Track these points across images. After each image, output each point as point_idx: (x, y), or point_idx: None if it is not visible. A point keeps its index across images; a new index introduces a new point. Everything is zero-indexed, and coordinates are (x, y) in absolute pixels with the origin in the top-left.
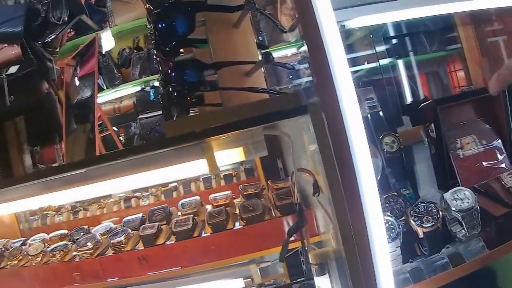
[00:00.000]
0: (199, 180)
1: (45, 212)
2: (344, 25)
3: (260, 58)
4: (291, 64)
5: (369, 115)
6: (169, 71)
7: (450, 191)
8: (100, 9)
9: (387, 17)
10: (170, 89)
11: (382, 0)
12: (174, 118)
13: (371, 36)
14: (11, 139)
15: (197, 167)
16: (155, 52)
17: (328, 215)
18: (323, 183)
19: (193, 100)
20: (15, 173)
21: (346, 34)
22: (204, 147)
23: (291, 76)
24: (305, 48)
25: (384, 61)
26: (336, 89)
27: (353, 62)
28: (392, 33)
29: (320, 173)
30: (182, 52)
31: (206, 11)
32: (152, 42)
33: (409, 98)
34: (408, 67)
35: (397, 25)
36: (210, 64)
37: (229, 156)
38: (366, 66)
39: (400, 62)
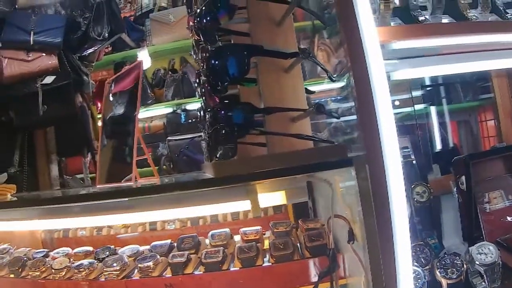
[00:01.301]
0: None
1: None
2: (389, 76)
3: (306, 102)
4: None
5: (402, 164)
6: (219, 110)
7: (476, 245)
8: (139, 27)
9: (432, 70)
10: (218, 128)
11: (425, 55)
12: (218, 157)
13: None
14: (40, 148)
15: (237, 206)
16: (199, 82)
17: (361, 263)
18: (358, 232)
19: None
20: (41, 182)
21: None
22: (249, 190)
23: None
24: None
25: (417, 107)
26: (381, 142)
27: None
28: (428, 81)
29: (356, 222)
30: None
31: (262, 55)
32: (197, 71)
33: (438, 146)
34: (440, 114)
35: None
36: (262, 109)
37: (271, 199)
38: (401, 110)
39: (432, 109)
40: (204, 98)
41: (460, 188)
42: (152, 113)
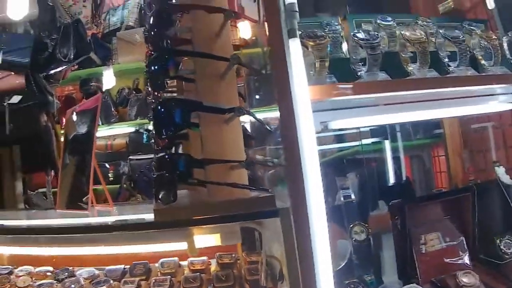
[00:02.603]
0: None
1: None
2: (327, 126)
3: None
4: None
5: (343, 204)
6: (163, 156)
7: (405, 287)
8: (106, 44)
9: (370, 120)
10: (162, 173)
11: (363, 105)
12: (161, 198)
13: None
14: (5, 165)
15: (176, 246)
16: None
17: None
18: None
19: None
20: (6, 198)
21: None
22: (186, 233)
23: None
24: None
25: (367, 141)
26: (307, 196)
27: (338, 139)
28: None
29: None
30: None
31: (201, 111)
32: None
33: (389, 180)
34: (392, 149)
35: None
36: (200, 160)
37: (206, 240)
38: (350, 144)
39: (385, 143)
40: (155, 141)
41: (397, 228)
42: (115, 131)
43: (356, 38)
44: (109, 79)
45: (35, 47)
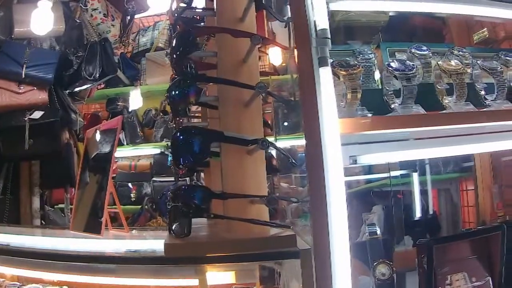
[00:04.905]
0: None
1: None
2: (356, 160)
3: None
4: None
5: (367, 241)
6: (180, 187)
7: None
8: (135, 64)
9: (402, 156)
10: (177, 205)
11: (394, 139)
12: (173, 231)
13: None
14: (24, 179)
15: (186, 282)
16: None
17: None
18: None
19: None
20: (22, 213)
21: None
22: (198, 270)
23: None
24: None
25: (396, 173)
26: (331, 237)
27: (365, 170)
28: None
29: None
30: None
31: (222, 142)
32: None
33: (415, 214)
34: (420, 182)
35: None
36: (219, 194)
37: (221, 278)
38: (378, 176)
39: (413, 176)
40: (174, 170)
41: (422, 267)
42: (140, 152)
43: (390, 68)
44: (136, 100)
45: (60, 63)
